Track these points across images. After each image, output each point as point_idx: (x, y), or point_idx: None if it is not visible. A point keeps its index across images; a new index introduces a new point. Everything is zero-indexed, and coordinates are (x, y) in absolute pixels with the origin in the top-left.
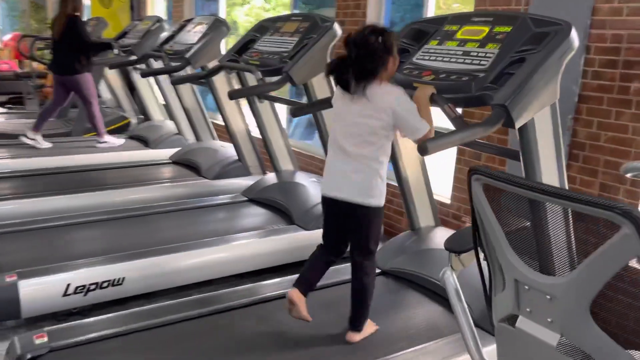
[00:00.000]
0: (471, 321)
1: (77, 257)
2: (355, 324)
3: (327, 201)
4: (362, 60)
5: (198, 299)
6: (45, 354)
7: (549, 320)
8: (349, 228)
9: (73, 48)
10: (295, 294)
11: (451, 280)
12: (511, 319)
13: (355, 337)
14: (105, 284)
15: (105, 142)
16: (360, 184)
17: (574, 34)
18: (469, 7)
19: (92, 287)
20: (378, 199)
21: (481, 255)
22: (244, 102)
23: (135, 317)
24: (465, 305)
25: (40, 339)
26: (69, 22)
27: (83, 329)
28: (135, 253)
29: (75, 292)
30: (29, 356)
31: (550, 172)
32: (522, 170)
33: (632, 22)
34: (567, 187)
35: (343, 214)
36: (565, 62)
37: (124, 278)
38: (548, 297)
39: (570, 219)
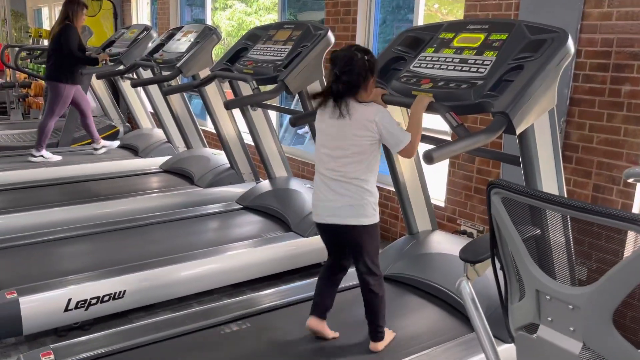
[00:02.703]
0: (489, 329)
1: (76, 271)
2: (374, 334)
3: (321, 227)
4: (347, 76)
5: (201, 311)
6: None
7: (571, 329)
8: (349, 248)
9: (61, 56)
10: (314, 322)
11: (467, 289)
12: (530, 327)
13: (378, 346)
14: (106, 298)
15: (104, 146)
16: (351, 205)
17: (570, 41)
18: (458, 12)
19: (94, 301)
20: (371, 218)
21: (497, 265)
22: (236, 110)
23: (139, 331)
24: (482, 314)
25: (47, 357)
26: (61, 30)
27: (88, 345)
28: (135, 265)
29: (76, 307)
30: None
31: (549, 176)
32: (521, 174)
33: (621, 26)
34: (564, 190)
35: (340, 237)
36: (563, 68)
37: (124, 291)
38: (570, 307)
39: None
